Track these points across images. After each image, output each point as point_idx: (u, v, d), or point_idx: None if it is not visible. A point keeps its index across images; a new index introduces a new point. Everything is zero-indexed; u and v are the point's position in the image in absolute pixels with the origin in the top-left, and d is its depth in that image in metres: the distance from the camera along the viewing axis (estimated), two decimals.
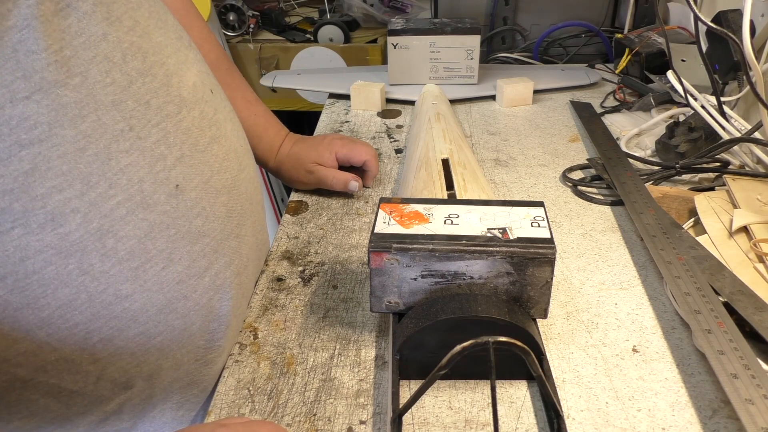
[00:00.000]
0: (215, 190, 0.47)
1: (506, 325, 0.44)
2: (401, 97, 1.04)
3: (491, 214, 0.50)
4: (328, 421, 0.45)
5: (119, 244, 0.40)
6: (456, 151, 0.74)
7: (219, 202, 0.47)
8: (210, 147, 0.47)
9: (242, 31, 1.49)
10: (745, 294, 0.52)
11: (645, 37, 1.05)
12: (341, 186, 0.73)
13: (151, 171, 0.41)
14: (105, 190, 0.39)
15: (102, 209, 0.39)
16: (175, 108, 0.44)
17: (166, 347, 0.45)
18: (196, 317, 0.46)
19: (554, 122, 0.96)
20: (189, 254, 0.45)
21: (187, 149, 0.44)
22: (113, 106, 0.39)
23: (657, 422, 0.44)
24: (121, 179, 0.40)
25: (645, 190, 0.69)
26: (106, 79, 0.39)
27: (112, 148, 0.39)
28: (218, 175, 0.47)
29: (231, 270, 0.49)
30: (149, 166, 0.41)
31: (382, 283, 0.48)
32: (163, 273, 0.43)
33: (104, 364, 0.43)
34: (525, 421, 0.44)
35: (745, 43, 0.69)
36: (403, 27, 1.03)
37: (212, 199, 0.47)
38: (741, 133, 0.75)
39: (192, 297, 0.46)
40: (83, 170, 0.38)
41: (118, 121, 0.39)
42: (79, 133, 0.37)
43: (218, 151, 0.48)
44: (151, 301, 0.43)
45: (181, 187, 0.44)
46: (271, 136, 0.75)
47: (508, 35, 1.33)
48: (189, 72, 0.47)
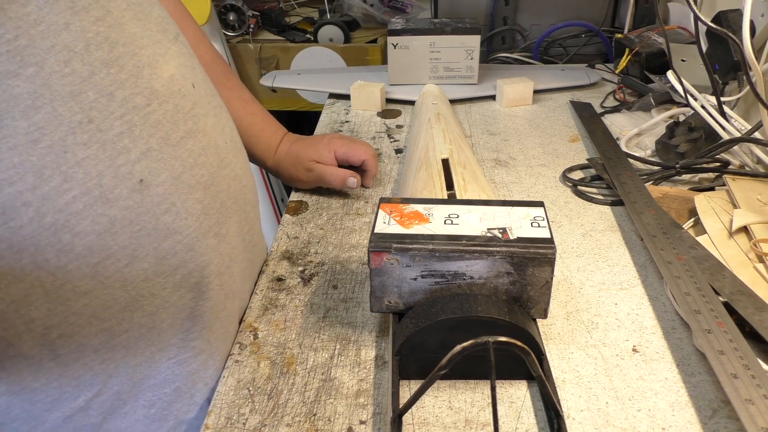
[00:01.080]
0: (188, 186, 0.45)
1: (506, 325, 0.44)
2: (401, 97, 1.04)
3: (491, 214, 0.50)
4: (328, 421, 0.45)
5: (76, 239, 0.39)
6: (456, 151, 0.74)
7: (192, 199, 0.46)
8: (183, 141, 0.45)
9: (242, 31, 1.49)
10: (745, 294, 0.52)
11: (645, 37, 1.05)
12: (339, 183, 0.72)
13: (111, 165, 0.40)
14: (59, 184, 0.38)
15: (56, 203, 0.38)
16: (143, 100, 0.42)
17: (132, 345, 0.44)
18: (166, 315, 0.45)
19: (554, 122, 0.96)
20: (156, 251, 0.43)
21: (155, 143, 0.43)
22: (71, 97, 0.38)
23: (657, 422, 0.44)
24: (77, 173, 0.38)
25: (645, 190, 0.69)
26: (65, 69, 0.38)
27: (68, 141, 0.38)
28: (192, 170, 0.46)
29: (209, 269, 0.48)
30: (110, 160, 0.40)
31: (382, 283, 0.48)
32: (126, 270, 0.42)
33: (66, 361, 0.42)
34: (525, 421, 0.44)
35: (745, 43, 0.69)
36: (403, 27, 1.03)
37: (184, 195, 0.45)
38: (741, 133, 0.75)
39: (161, 294, 0.44)
40: (36, 163, 0.37)
41: (75, 113, 0.38)
42: (32, 124, 0.36)
43: (193, 146, 0.46)
44: (114, 298, 0.42)
45: (146, 182, 0.42)
46: (268, 135, 0.75)
47: (508, 35, 1.33)
48: (167, 64, 0.45)
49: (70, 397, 0.44)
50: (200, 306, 0.48)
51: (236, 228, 0.53)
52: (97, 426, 0.46)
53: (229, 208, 0.51)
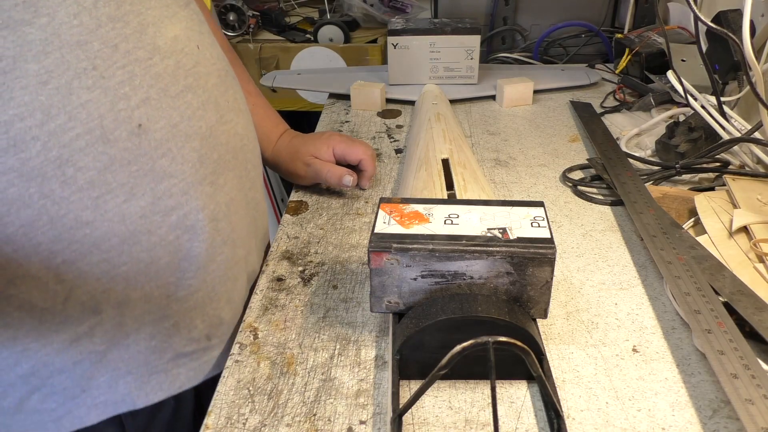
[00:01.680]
0: (185, 135, 0.49)
1: (506, 325, 0.44)
2: (401, 97, 1.04)
3: (491, 214, 0.50)
4: (328, 421, 0.45)
5: (79, 173, 0.43)
6: (456, 151, 0.74)
7: (189, 147, 0.49)
8: (182, 94, 0.49)
9: (242, 31, 1.49)
10: (745, 294, 0.52)
11: (645, 37, 1.05)
12: (335, 179, 0.72)
13: (112, 108, 0.44)
14: (65, 122, 0.42)
15: (61, 139, 0.42)
16: (146, 54, 0.46)
17: (132, 278, 0.48)
18: (162, 253, 0.49)
19: (554, 122, 0.96)
20: (153, 191, 0.47)
21: (155, 93, 0.47)
22: (78, 46, 0.42)
23: (657, 422, 0.44)
24: (81, 113, 0.43)
25: (645, 190, 0.69)
26: (74, 21, 0.42)
27: (73, 84, 0.42)
28: (189, 121, 0.49)
29: (204, 214, 0.51)
30: (111, 104, 0.44)
31: (382, 283, 0.48)
32: (124, 206, 0.46)
33: (70, 286, 0.46)
34: (525, 421, 0.44)
35: (745, 43, 0.69)
36: (403, 27, 1.03)
37: (181, 142, 0.49)
38: (741, 133, 0.75)
39: (157, 233, 0.48)
40: (44, 102, 0.41)
41: (81, 60, 0.42)
42: (42, 67, 0.41)
43: (192, 99, 0.50)
44: (113, 231, 0.46)
45: (144, 127, 0.46)
46: (267, 126, 0.76)
47: (508, 35, 1.33)
48: (172, 26, 0.50)
49: (75, 321, 0.47)
50: (196, 247, 0.51)
51: (235, 181, 0.56)
52: (102, 354, 0.49)
53: (228, 161, 0.55)
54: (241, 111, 0.59)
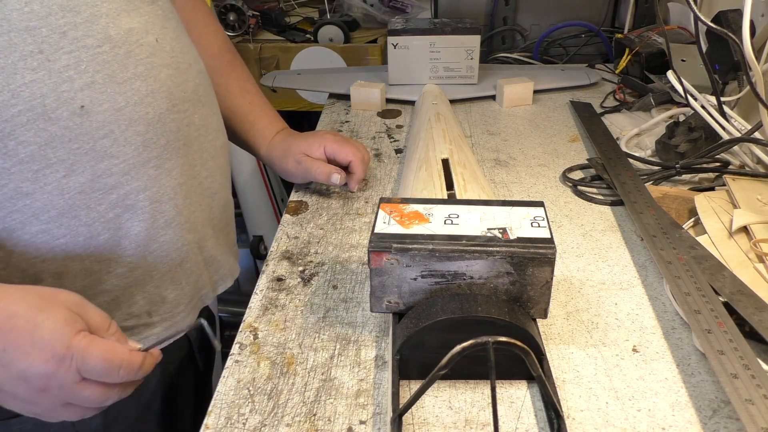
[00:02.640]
0: (129, 119, 0.51)
1: (506, 325, 0.44)
2: (401, 97, 1.04)
3: (491, 214, 0.50)
4: (328, 421, 0.45)
5: (20, 147, 0.46)
6: (456, 151, 0.74)
7: (133, 131, 0.52)
8: (130, 81, 0.51)
9: (242, 31, 1.49)
10: (745, 294, 0.52)
11: (645, 37, 1.05)
12: (324, 177, 0.72)
13: (55, 90, 0.47)
14: (7, 99, 0.45)
15: (3, 114, 0.45)
16: (94, 41, 0.49)
17: (71, 250, 0.51)
18: (102, 229, 0.52)
19: (554, 122, 0.96)
20: (93, 169, 0.50)
21: (100, 78, 0.49)
22: (26, 30, 0.46)
23: (657, 422, 0.44)
24: (24, 92, 0.46)
25: (645, 190, 0.69)
26: (24, 8, 0.46)
27: (18, 65, 0.45)
28: (136, 107, 0.52)
29: (145, 195, 0.54)
30: (54, 85, 0.47)
31: (382, 283, 0.48)
32: (64, 180, 0.49)
33: (9, 252, 0.49)
34: (525, 421, 0.44)
35: (745, 43, 0.69)
36: (403, 27, 1.03)
37: (124, 125, 0.51)
38: (741, 133, 0.75)
39: (96, 209, 0.51)
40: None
41: (28, 44, 0.46)
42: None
43: (140, 87, 0.52)
44: (53, 204, 0.49)
45: (87, 109, 0.49)
46: (263, 124, 0.77)
47: (508, 35, 1.33)
48: (129, 18, 0.52)
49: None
50: (135, 226, 0.54)
51: (185, 168, 0.58)
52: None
53: (178, 148, 0.56)
54: (201, 103, 0.60)
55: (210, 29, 0.77)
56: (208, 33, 0.76)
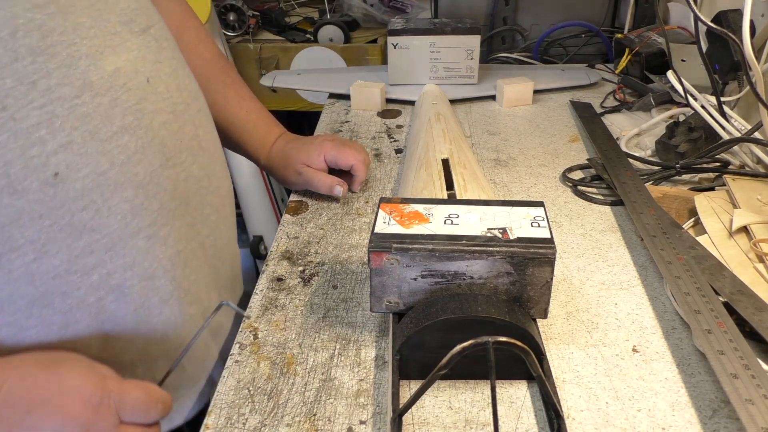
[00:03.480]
0: (114, 184, 0.44)
1: (506, 325, 0.44)
2: (401, 97, 1.04)
3: (491, 214, 0.50)
4: (328, 421, 0.45)
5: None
6: (456, 151, 0.74)
7: (119, 197, 0.44)
8: (116, 137, 0.44)
9: (242, 31, 1.49)
10: (745, 294, 0.52)
11: (645, 37, 1.05)
12: (326, 189, 0.72)
13: (23, 155, 0.39)
14: None
15: None
16: (72, 91, 0.41)
17: (43, 340, 0.43)
18: (81, 316, 0.44)
19: (554, 122, 0.96)
20: (69, 249, 0.42)
21: (79, 136, 0.41)
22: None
23: (657, 422, 0.44)
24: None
25: (645, 190, 0.69)
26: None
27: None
28: (122, 167, 0.44)
29: (133, 272, 0.46)
30: (21, 150, 0.39)
31: (382, 283, 0.48)
32: (33, 265, 0.41)
33: None
34: (525, 421, 0.44)
35: (745, 43, 0.69)
36: (403, 27, 1.03)
37: (108, 193, 0.43)
38: (741, 133, 0.75)
39: (74, 294, 0.43)
40: None
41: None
42: None
43: (129, 142, 0.44)
44: (20, 292, 0.41)
45: (61, 176, 0.41)
46: (262, 132, 0.75)
47: (508, 35, 1.33)
48: (115, 57, 0.44)
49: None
50: (120, 309, 0.46)
51: (185, 230, 0.50)
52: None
53: (174, 209, 0.49)
54: (202, 149, 0.53)
55: (201, 35, 0.72)
56: (199, 39, 0.71)
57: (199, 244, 0.53)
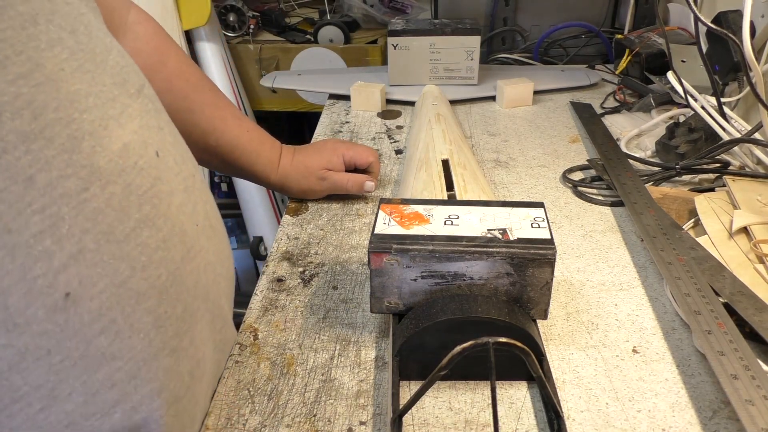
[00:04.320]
0: (136, 294, 0.35)
1: (506, 325, 0.44)
2: (401, 97, 1.04)
3: (491, 215, 0.50)
4: (328, 422, 0.45)
5: None
6: (456, 152, 0.74)
7: (142, 309, 0.35)
8: (135, 234, 0.35)
9: (242, 31, 1.49)
10: (745, 295, 0.52)
11: (645, 37, 1.05)
12: (357, 187, 0.71)
13: (23, 278, 0.30)
14: None
15: None
16: (78, 183, 0.32)
17: None
18: None
19: (554, 123, 0.96)
20: (85, 386, 0.33)
21: (91, 241, 0.33)
22: None
23: (657, 423, 0.44)
24: None
25: (645, 190, 0.69)
26: None
27: None
28: (144, 272, 0.35)
29: (162, 397, 0.37)
30: (21, 272, 0.30)
31: (382, 283, 0.48)
32: (40, 415, 0.32)
33: None
34: (525, 421, 0.44)
35: (745, 44, 0.69)
36: (403, 28, 1.03)
37: (130, 307, 0.35)
38: (741, 133, 0.75)
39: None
40: None
41: None
42: None
43: (149, 237, 0.36)
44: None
45: (74, 296, 0.32)
46: (267, 150, 0.72)
47: (508, 36, 1.33)
48: (121, 129, 0.36)
49: None
50: None
51: (207, 333, 0.43)
52: None
53: (196, 310, 0.41)
54: (212, 227, 0.45)
55: (182, 58, 0.66)
56: (183, 63, 0.65)
57: (213, 342, 0.45)
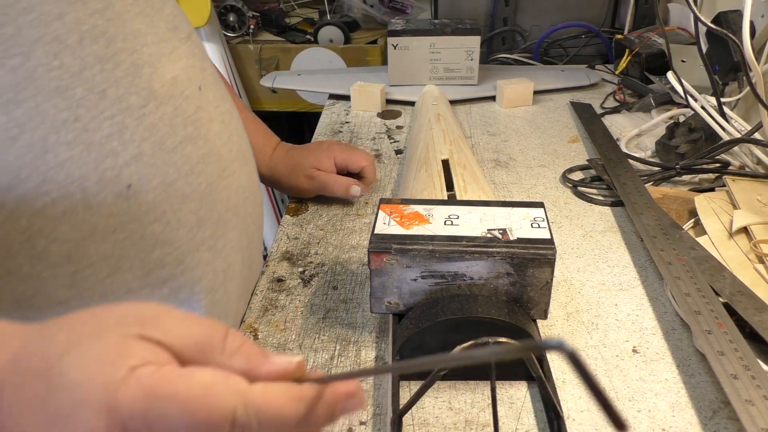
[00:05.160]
0: (182, 195, 0.42)
1: (506, 325, 0.44)
2: (401, 97, 1.04)
3: (491, 215, 0.50)
4: None
5: (53, 245, 0.36)
6: (456, 152, 0.74)
7: (186, 209, 0.43)
8: (181, 147, 0.43)
9: (242, 32, 1.49)
10: (745, 295, 0.52)
11: (645, 37, 1.05)
12: (343, 191, 0.71)
13: (97, 168, 0.37)
14: (37, 186, 0.35)
15: (33, 206, 0.35)
16: (139, 100, 0.40)
17: None
18: None
19: (554, 123, 0.96)
20: (142, 263, 0.41)
21: (148, 147, 0.40)
22: (58, 92, 0.35)
23: (657, 423, 0.44)
24: (58, 174, 0.36)
25: (645, 190, 0.69)
26: (53, 62, 0.35)
27: (50, 140, 0.35)
28: (187, 178, 0.43)
29: (201, 285, 0.45)
30: (95, 163, 0.37)
31: (382, 283, 0.48)
32: (108, 281, 0.39)
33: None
34: (525, 421, 0.44)
35: (745, 44, 0.69)
36: (403, 28, 1.03)
37: (177, 204, 0.42)
38: (741, 133, 0.75)
39: None
40: (12, 162, 0.34)
41: (61, 110, 0.35)
42: (11, 120, 0.34)
43: (192, 152, 0.44)
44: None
45: (134, 188, 0.39)
46: (260, 141, 0.73)
47: (508, 36, 1.33)
48: (171, 65, 0.43)
49: None
50: None
51: (236, 242, 0.50)
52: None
53: (229, 220, 0.48)
54: (244, 158, 0.53)
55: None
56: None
57: (241, 256, 0.52)
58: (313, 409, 0.25)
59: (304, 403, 0.24)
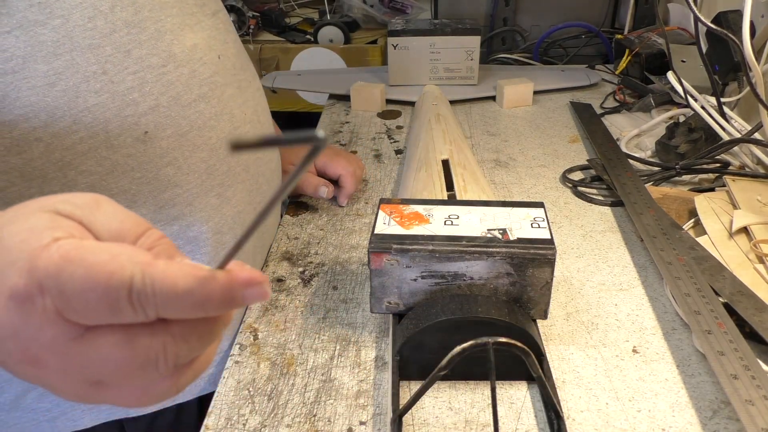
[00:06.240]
0: (193, 145, 0.49)
1: (506, 325, 0.44)
2: (401, 97, 1.04)
3: (491, 215, 0.50)
4: (328, 422, 0.45)
5: (80, 176, 0.43)
6: (456, 152, 0.74)
7: (197, 157, 0.49)
8: (195, 104, 0.49)
9: (242, 32, 1.49)
10: (745, 295, 0.52)
11: (645, 37, 1.05)
12: (311, 190, 0.71)
13: (119, 114, 0.44)
14: (69, 125, 0.42)
15: (65, 142, 0.42)
16: (159, 61, 0.46)
17: None
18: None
19: (554, 123, 0.96)
20: (156, 199, 0.47)
21: (165, 101, 0.46)
22: (90, 49, 0.42)
23: (657, 423, 0.44)
24: (86, 117, 0.42)
25: (645, 190, 0.69)
26: (88, 24, 0.42)
27: (81, 87, 0.42)
28: (200, 131, 0.49)
29: (208, 226, 0.51)
30: (118, 110, 0.44)
31: (382, 283, 0.48)
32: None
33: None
34: (525, 421, 0.44)
35: (745, 44, 0.69)
36: (403, 28, 1.03)
37: (188, 152, 0.48)
38: (741, 133, 0.75)
39: None
40: (50, 103, 0.41)
41: (92, 64, 0.42)
42: (51, 69, 0.41)
43: (204, 109, 0.50)
44: None
45: (150, 134, 0.46)
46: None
47: (508, 36, 1.34)
48: (193, 34, 0.49)
49: None
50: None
51: (244, 195, 0.55)
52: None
53: (238, 174, 0.54)
54: (260, 123, 0.58)
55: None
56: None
57: (253, 209, 0.57)
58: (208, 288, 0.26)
59: (198, 280, 0.26)
